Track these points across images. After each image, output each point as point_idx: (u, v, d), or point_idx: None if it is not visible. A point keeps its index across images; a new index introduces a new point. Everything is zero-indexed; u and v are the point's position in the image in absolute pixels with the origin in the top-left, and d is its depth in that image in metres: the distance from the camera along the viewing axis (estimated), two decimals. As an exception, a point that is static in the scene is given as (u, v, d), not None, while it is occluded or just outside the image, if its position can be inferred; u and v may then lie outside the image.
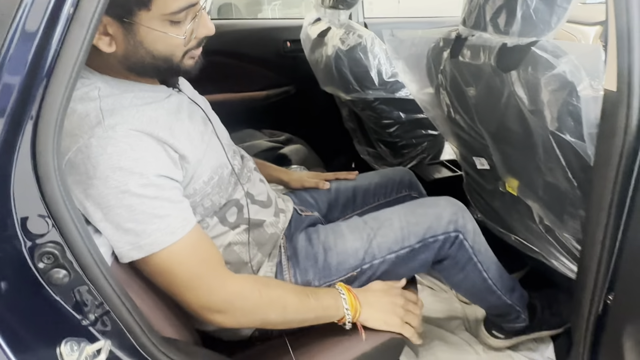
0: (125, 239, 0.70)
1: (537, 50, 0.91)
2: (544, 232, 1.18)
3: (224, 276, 0.78)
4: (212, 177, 0.85)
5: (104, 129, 0.68)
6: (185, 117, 0.83)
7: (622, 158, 0.71)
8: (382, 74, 1.51)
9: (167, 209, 0.72)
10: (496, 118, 1.06)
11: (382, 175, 1.34)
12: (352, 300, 0.87)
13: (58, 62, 0.51)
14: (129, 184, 0.68)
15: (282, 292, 0.82)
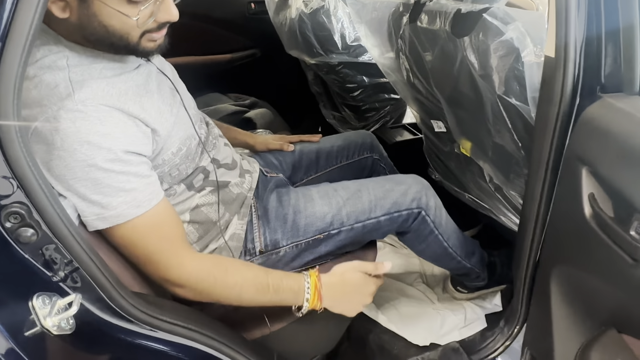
0: (91, 210, 0.71)
1: (488, 17, 0.95)
2: (493, 191, 1.27)
3: (183, 255, 0.80)
4: (180, 149, 0.87)
5: (74, 102, 0.68)
6: (154, 89, 0.83)
7: (558, 119, 0.77)
8: (346, 37, 1.53)
9: (133, 183, 0.73)
10: (450, 82, 1.11)
11: (344, 138, 1.38)
12: (313, 293, 0.87)
13: (13, 25, 0.51)
14: (96, 158, 0.69)
15: (241, 281, 0.82)
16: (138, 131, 0.75)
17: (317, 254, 1.02)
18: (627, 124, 0.58)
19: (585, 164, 0.64)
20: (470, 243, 1.25)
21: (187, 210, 0.93)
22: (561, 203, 0.74)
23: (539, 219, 0.89)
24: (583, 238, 0.65)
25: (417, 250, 1.17)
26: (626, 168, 0.56)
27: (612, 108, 0.62)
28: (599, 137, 0.62)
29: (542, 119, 0.81)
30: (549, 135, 0.79)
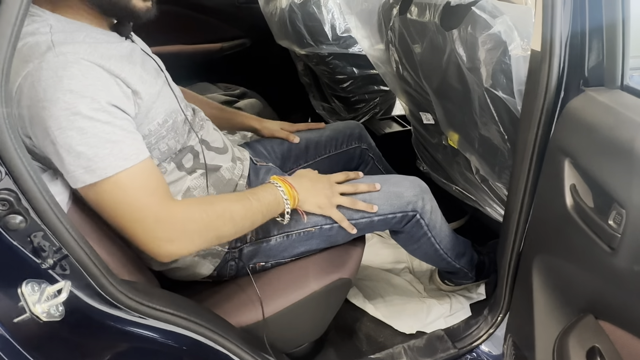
0: (78, 162, 0.69)
1: (476, 10, 0.97)
2: (480, 182, 1.29)
3: (171, 204, 0.78)
4: (166, 120, 0.87)
5: (55, 53, 0.68)
6: (138, 62, 0.84)
7: (543, 111, 0.79)
8: (336, 28, 1.53)
9: (119, 136, 0.72)
10: (438, 75, 1.13)
11: (333, 128, 1.39)
12: (288, 190, 0.92)
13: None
14: (79, 106, 0.68)
15: (226, 204, 0.84)
16: (119, 90, 0.74)
17: (308, 247, 1.02)
18: (607, 117, 0.59)
19: (567, 156, 0.66)
20: (462, 244, 1.26)
21: (179, 193, 0.93)
22: (544, 194, 0.76)
23: (523, 209, 0.91)
24: (564, 228, 0.67)
25: (408, 249, 1.19)
26: (606, 160, 0.57)
27: (594, 101, 0.64)
28: (581, 129, 0.64)
29: (528, 112, 0.83)
30: (533, 128, 0.81)
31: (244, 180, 1.06)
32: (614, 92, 0.63)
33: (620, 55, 0.65)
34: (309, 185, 0.97)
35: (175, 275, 0.99)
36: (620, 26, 0.67)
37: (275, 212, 0.91)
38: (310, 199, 0.96)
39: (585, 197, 0.62)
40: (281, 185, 0.92)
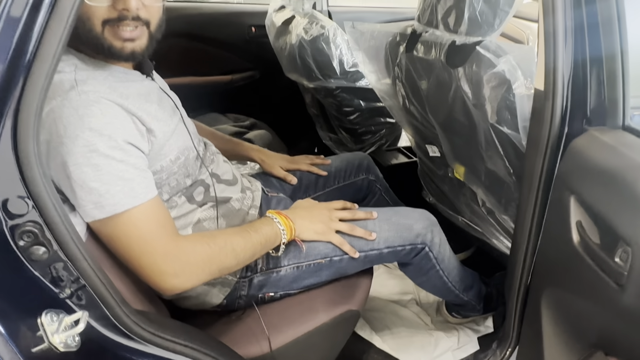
0: (89, 198, 0.72)
1: (481, 50, 1.01)
2: (486, 215, 1.30)
3: (176, 239, 0.81)
4: (178, 157, 0.90)
5: (77, 92, 0.72)
6: (155, 100, 0.87)
7: (548, 149, 0.81)
8: (344, 63, 1.58)
9: (131, 174, 0.75)
10: (445, 110, 1.16)
11: (342, 159, 1.42)
12: (284, 221, 0.95)
13: (40, 49, 0.54)
14: (97, 144, 0.71)
15: (227, 237, 0.86)
16: (135, 128, 0.78)
17: (317, 278, 1.03)
18: (611, 158, 0.61)
19: (573, 193, 0.68)
20: (470, 277, 1.26)
21: (189, 225, 0.95)
22: (551, 229, 0.77)
23: (530, 243, 0.92)
24: (571, 263, 0.68)
25: (416, 281, 1.19)
26: (610, 199, 0.59)
27: (597, 141, 0.66)
28: (586, 168, 0.66)
29: (533, 149, 0.85)
30: (539, 165, 0.83)
31: (255, 210, 1.09)
32: (616, 132, 0.66)
33: (620, 95, 0.68)
34: (305, 214, 1.00)
35: (185, 304, 1.00)
36: (620, 67, 0.70)
37: (274, 243, 0.94)
38: (307, 226, 0.98)
39: (591, 234, 0.63)
40: (277, 217, 0.95)
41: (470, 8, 1.03)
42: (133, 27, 0.77)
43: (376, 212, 1.08)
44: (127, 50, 0.78)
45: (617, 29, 0.72)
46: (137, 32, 0.78)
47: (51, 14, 0.54)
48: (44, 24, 0.54)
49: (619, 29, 0.71)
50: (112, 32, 0.75)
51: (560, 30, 0.77)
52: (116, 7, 0.74)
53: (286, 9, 1.78)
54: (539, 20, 0.79)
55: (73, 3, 0.54)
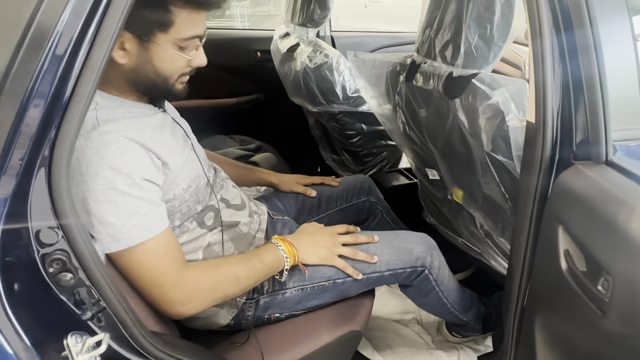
0: (106, 232, 0.78)
1: (476, 82, 1.06)
2: (484, 237, 1.34)
3: (184, 270, 0.87)
4: (190, 186, 0.96)
5: (99, 133, 0.78)
6: (168, 132, 0.94)
7: (539, 178, 0.86)
8: (346, 89, 1.64)
9: (146, 209, 0.81)
10: (443, 137, 1.21)
11: (344, 182, 1.47)
12: (288, 248, 1.00)
13: (75, 92, 0.60)
14: (116, 182, 0.77)
15: (231, 267, 0.92)
16: (151, 162, 0.84)
17: (321, 300, 1.08)
18: (593, 192, 0.66)
19: (561, 223, 0.73)
20: (469, 297, 1.31)
21: (200, 249, 1.00)
22: (543, 256, 0.82)
23: (525, 268, 0.96)
24: (560, 289, 0.72)
25: (417, 302, 1.24)
26: (593, 230, 0.64)
27: (582, 175, 0.71)
28: (571, 200, 0.71)
29: (526, 178, 0.90)
30: (531, 195, 0.87)
31: (261, 234, 1.14)
32: (600, 167, 0.71)
33: (603, 132, 0.73)
34: (309, 240, 1.05)
35: (193, 324, 1.04)
36: (601, 105, 0.75)
37: (277, 269, 1.00)
38: (310, 252, 1.03)
39: (577, 262, 0.68)
40: (281, 244, 1.00)
41: (466, 43, 1.09)
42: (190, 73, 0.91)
43: (378, 235, 1.13)
44: (182, 90, 0.91)
45: (595, 64, 0.76)
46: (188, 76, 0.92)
47: (85, 61, 0.60)
48: (79, 70, 0.60)
49: (597, 64, 0.76)
50: (180, 80, 0.90)
51: (547, 53, 0.81)
52: (193, 64, 0.89)
53: (291, 36, 1.85)
54: (529, 65, 0.85)
55: (105, 51, 0.60)
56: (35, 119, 0.57)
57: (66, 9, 0.56)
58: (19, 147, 0.57)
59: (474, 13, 1.06)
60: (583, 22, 0.75)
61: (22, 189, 0.59)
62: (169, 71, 0.86)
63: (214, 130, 2.08)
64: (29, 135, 0.58)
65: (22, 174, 0.59)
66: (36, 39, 0.56)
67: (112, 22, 0.59)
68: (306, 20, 1.72)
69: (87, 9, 0.58)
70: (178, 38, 0.83)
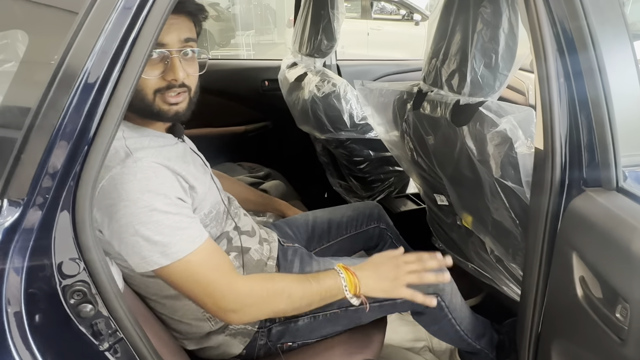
0: (155, 249, 0.80)
1: (483, 110, 1.09)
2: (495, 262, 1.34)
3: (234, 279, 0.87)
4: (211, 211, 0.99)
5: (133, 160, 0.82)
6: (190, 161, 0.99)
7: (549, 207, 0.87)
8: (354, 117, 1.67)
9: (186, 223, 0.84)
10: (451, 164, 1.23)
11: (353, 208, 1.48)
12: (349, 278, 0.95)
13: (102, 123, 0.62)
14: (155, 203, 0.80)
15: (286, 283, 0.91)
16: (180, 185, 0.88)
17: (333, 328, 1.07)
18: (606, 219, 0.67)
19: (574, 250, 0.73)
20: (482, 325, 1.29)
21: None
22: (557, 282, 0.82)
23: (538, 294, 0.96)
24: (577, 316, 0.72)
25: (429, 330, 1.23)
26: (607, 257, 0.64)
27: (593, 202, 0.72)
28: (584, 227, 0.72)
29: (536, 206, 0.91)
30: (542, 221, 0.88)
31: (272, 262, 1.14)
32: (611, 194, 0.72)
33: (612, 158, 0.74)
34: (371, 273, 0.99)
35: (206, 354, 1.04)
36: (609, 131, 0.76)
37: (335, 296, 0.95)
38: (373, 286, 0.98)
39: (593, 289, 0.68)
40: (343, 273, 0.97)
41: (472, 72, 1.12)
42: (178, 93, 0.90)
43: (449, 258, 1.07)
44: (172, 112, 0.90)
45: (601, 90, 0.78)
46: (181, 97, 0.91)
47: (110, 98, 0.63)
48: (104, 107, 0.62)
49: (603, 89, 0.77)
50: (161, 99, 0.88)
51: (553, 78, 0.83)
52: (166, 78, 0.87)
53: (298, 65, 1.90)
54: (536, 93, 0.87)
55: (129, 90, 0.63)
56: (61, 155, 0.59)
57: (94, 50, 0.59)
58: (46, 182, 0.59)
59: (478, 44, 1.09)
60: (586, 47, 0.77)
61: (47, 223, 0.61)
62: (140, 87, 0.86)
63: (223, 158, 2.11)
64: (55, 171, 0.59)
65: (48, 208, 0.60)
66: (65, 78, 0.59)
67: (136, 60, 0.62)
68: (313, 50, 1.77)
69: (113, 49, 0.61)
70: None
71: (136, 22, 0.63)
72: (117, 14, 0.61)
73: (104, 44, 0.60)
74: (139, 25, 0.63)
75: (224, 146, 2.17)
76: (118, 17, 0.61)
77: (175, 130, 0.99)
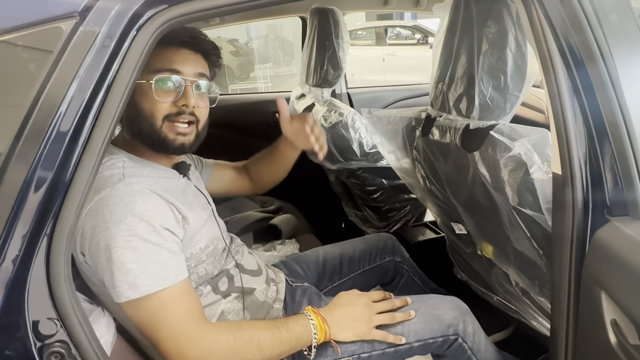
0: (126, 279, 0.77)
1: (495, 134, 1.02)
2: (520, 295, 1.24)
3: (203, 325, 0.83)
4: (207, 246, 0.95)
5: (124, 183, 0.81)
6: (190, 195, 0.97)
7: (573, 236, 0.79)
8: (364, 145, 1.63)
9: (165, 257, 0.81)
10: (465, 191, 1.16)
11: (366, 242, 1.41)
12: (319, 323, 0.93)
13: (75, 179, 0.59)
14: (137, 228, 0.78)
15: (255, 331, 0.87)
16: (172, 215, 0.85)
17: None
18: (636, 252, 0.59)
19: (603, 288, 0.65)
20: None
21: (213, 317, 0.97)
22: (587, 324, 0.73)
23: (569, 333, 0.86)
24: (612, 365, 0.63)
25: None
26: (641, 298, 0.56)
27: (620, 233, 0.64)
28: (612, 263, 0.64)
29: (559, 235, 0.83)
30: (566, 254, 0.80)
31: (279, 305, 1.08)
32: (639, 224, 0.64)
33: (637, 184, 0.66)
34: (343, 316, 0.97)
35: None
36: (630, 153, 0.69)
37: (304, 344, 0.92)
38: (344, 330, 0.95)
39: (629, 335, 0.60)
40: (313, 318, 0.94)
41: (480, 95, 1.06)
42: (187, 124, 0.90)
43: (410, 298, 1.06)
44: (177, 142, 0.90)
45: (616, 106, 0.71)
46: (189, 129, 0.91)
47: (86, 146, 0.60)
48: (78, 157, 0.59)
49: (620, 107, 0.71)
50: (169, 127, 0.89)
51: (566, 97, 0.77)
52: (177, 104, 0.88)
53: (307, 97, 1.88)
54: (549, 117, 0.80)
55: (104, 138, 0.60)
56: (32, 210, 0.56)
57: (62, 105, 0.56)
58: (16, 239, 0.56)
59: (485, 65, 1.04)
60: (595, 60, 0.71)
61: (19, 279, 0.57)
62: (149, 109, 0.87)
63: (235, 192, 2.08)
64: (26, 226, 0.56)
65: (19, 266, 0.57)
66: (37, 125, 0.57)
67: (110, 110, 0.59)
68: (320, 81, 1.75)
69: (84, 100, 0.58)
70: (150, 71, 0.85)
71: (112, 63, 0.60)
72: (92, 55, 0.59)
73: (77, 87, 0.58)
74: (116, 66, 0.61)
75: (235, 180, 2.15)
76: (93, 58, 0.59)
77: (180, 167, 0.99)
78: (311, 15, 1.74)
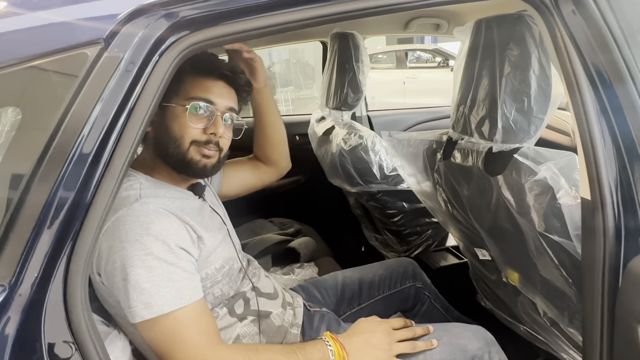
0: (140, 298, 0.77)
1: (519, 157, 0.99)
2: (549, 325, 1.18)
3: (218, 347, 0.82)
4: (223, 266, 0.95)
5: (140, 203, 0.83)
6: (206, 215, 0.98)
7: (605, 258, 0.75)
8: (384, 168, 1.61)
9: (180, 276, 0.81)
10: (488, 216, 1.12)
11: (386, 267, 1.38)
12: (338, 351, 0.90)
13: (95, 201, 0.60)
14: (152, 248, 0.78)
15: (271, 355, 0.85)
16: (187, 234, 0.86)
17: None
18: (675, 285, 0.55)
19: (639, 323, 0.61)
20: None
21: (228, 340, 0.95)
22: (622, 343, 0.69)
23: None
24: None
25: None
26: (683, 335, 0.52)
27: (657, 263, 0.61)
28: (649, 295, 0.60)
29: (589, 263, 0.79)
30: (598, 282, 0.76)
31: (297, 330, 1.06)
32: (679, 253, 0.60)
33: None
34: (362, 343, 0.94)
35: None
36: None
37: None
38: (363, 357, 0.92)
39: (670, 373, 0.55)
40: (331, 344, 0.91)
41: (503, 118, 1.04)
42: (212, 150, 0.93)
43: (432, 326, 1.03)
44: (201, 164, 0.92)
45: None
46: (213, 152, 0.94)
47: (106, 168, 0.61)
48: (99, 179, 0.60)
49: None
50: (196, 149, 0.92)
51: (594, 120, 0.75)
52: (206, 131, 0.91)
53: (326, 119, 1.89)
54: (576, 139, 0.78)
55: (124, 161, 0.60)
56: (52, 232, 0.56)
57: (85, 127, 0.57)
58: (35, 262, 0.56)
59: (508, 88, 1.02)
60: (624, 80, 0.68)
61: (37, 301, 0.57)
62: (179, 132, 0.90)
63: (255, 214, 2.08)
64: (45, 249, 0.57)
65: (38, 286, 0.57)
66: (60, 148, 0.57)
67: (131, 133, 0.60)
68: (340, 104, 1.75)
69: (106, 123, 0.59)
70: (186, 97, 0.90)
71: (135, 87, 0.62)
72: (116, 79, 0.60)
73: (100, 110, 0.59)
74: (138, 90, 0.62)
75: (255, 202, 2.15)
76: (116, 83, 0.60)
77: (196, 188, 1.00)
78: (332, 39, 1.76)
